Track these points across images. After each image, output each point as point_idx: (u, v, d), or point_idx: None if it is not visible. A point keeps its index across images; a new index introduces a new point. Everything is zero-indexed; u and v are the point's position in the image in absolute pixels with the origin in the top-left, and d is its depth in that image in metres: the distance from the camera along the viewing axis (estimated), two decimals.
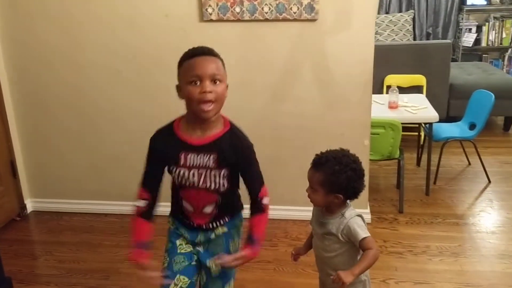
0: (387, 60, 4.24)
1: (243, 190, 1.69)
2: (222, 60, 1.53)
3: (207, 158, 1.54)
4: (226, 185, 1.59)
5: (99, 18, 2.86)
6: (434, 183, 3.50)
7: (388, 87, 3.94)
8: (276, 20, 2.69)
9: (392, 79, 4.17)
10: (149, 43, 2.86)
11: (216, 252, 1.67)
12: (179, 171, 1.56)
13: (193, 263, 1.68)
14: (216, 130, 1.55)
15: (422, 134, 3.86)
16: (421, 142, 3.88)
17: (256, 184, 1.64)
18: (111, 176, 3.19)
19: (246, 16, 2.69)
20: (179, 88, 1.53)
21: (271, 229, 2.98)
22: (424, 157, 3.64)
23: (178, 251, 1.67)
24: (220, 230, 1.67)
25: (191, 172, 1.55)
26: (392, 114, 3.26)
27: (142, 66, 2.91)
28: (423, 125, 3.63)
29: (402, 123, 3.03)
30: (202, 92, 1.44)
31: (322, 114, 2.85)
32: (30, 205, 3.34)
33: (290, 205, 3.07)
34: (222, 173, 1.56)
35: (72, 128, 3.13)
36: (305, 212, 3.04)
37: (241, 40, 2.77)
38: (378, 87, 4.26)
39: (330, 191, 1.63)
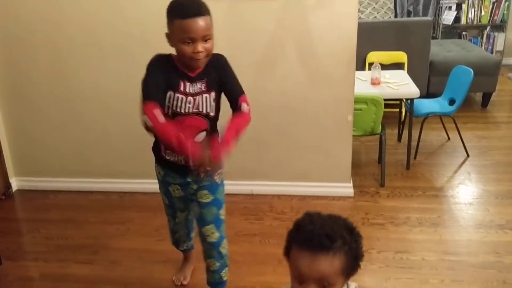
0: (369, 37, 4.28)
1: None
2: (210, 14, 1.64)
3: (199, 84, 1.72)
4: (214, 111, 1.76)
5: None
6: (415, 158, 3.59)
7: (370, 64, 3.99)
8: None
9: (374, 56, 4.22)
10: (132, 23, 2.83)
11: (204, 184, 1.88)
12: (177, 97, 1.70)
13: (186, 201, 1.96)
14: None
15: (403, 110, 3.93)
16: (402, 119, 3.96)
17: (235, 92, 1.78)
18: (95, 154, 3.20)
19: None
20: (169, 37, 1.66)
21: (257, 204, 3.04)
22: (405, 133, 3.73)
23: (172, 195, 1.96)
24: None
25: (188, 98, 1.70)
26: (374, 90, 3.31)
27: (124, 46, 2.89)
28: (404, 101, 3.70)
29: (384, 100, 3.09)
30: (195, 52, 1.61)
31: (306, 91, 2.88)
32: (15, 183, 3.33)
33: (274, 180, 3.13)
34: (211, 96, 1.74)
35: (56, 107, 3.11)
36: (289, 187, 3.13)
37: (225, 17, 2.77)
38: (360, 64, 4.30)
39: (349, 275, 1.16)
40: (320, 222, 1.11)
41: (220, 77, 1.76)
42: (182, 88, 1.70)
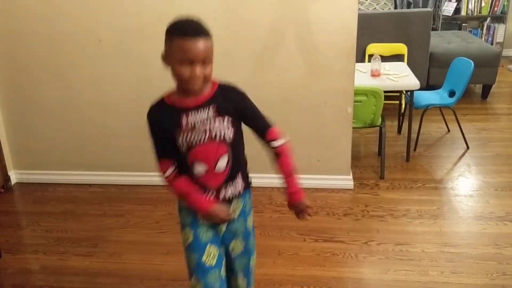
0: (368, 29, 4.26)
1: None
2: (211, 36, 1.51)
3: (207, 110, 1.55)
4: (231, 133, 1.59)
5: None
6: (414, 150, 3.58)
7: (370, 55, 3.97)
8: None
9: (374, 48, 4.20)
10: (131, 17, 2.81)
11: (237, 231, 1.70)
12: (185, 135, 1.55)
13: (218, 234, 1.69)
14: (208, 91, 1.56)
15: (403, 102, 3.92)
16: (402, 111, 3.95)
17: (262, 125, 1.65)
18: (94, 146, 3.19)
19: None
20: (165, 58, 1.52)
21: (256, 196, 3.02)
22: (405, 125, 3.72)
23: (200, 222, 1.67)
24: (236, 204, 1.68)
25: (196, 129, 1.55)
26: (374, 82, 3.30)
27: (124, 35, 2.88)
28: (404, 93, 3.69)
29: (385, 91, 3.07)
30: (192, 75, 1.46)
31: (305, 83, 2.87)
32: (14, 176, 3.33)
33: (274, 173, 3.11)
34: (225, 120, 1.57)
35: (55, 100, 3.10)
36: None
37: (223, 8, 2.75)
38: (360, 56, 4.28)
39: None
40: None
41: (239, 112, 1.61)
42: (185, 124, 1.54)
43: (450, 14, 6.10)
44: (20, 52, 3.00)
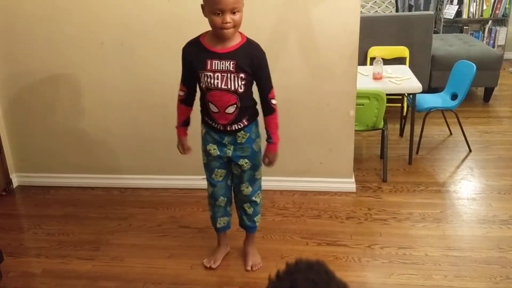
0: (370, 32, 4.26)
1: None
2: None
3: (228, 63, 1.90)
4: (243, 88, 1.95)
5: None
6: (417, 152, 3.57)
7: (372, 58, 3.97)
8: None
9: (376, 51, 4.20)
10: (133, 16, 2.81)
11: (245, 154, 2.14)
12: (206, 75, 1.92)
13: (224, 160, 2.16)
14: (235, 42, 1.92)
15: (405, 105, 3.92)
16: (404, 114, 3.94)
17: (265, 87, 2.04)
18: (96, 149, 3.18)
19: None
20: (203, 8, 1.86)
21: None
22: (407, 128, 3.71)
23: (212, 153, 2.14)
24: (242, 134, 2.09)
25: (216, 75, 1.92)
26: (376, 85, 3.29)
27: (125, 40, 2.87)
28: (406, 96, 3.68)
29: (387, 94, 3.07)
30: (224, 23, 1.80)
31: (308, 86, 2.87)
32: (16, 179, 3.32)
33: (277, 175, 3.11)
34: (240, 76, 1.92)
35: (56, 102, 3.09)
36: (291, 182, 3.11)
37: None
38: (362, 59, 4.28)
39: None
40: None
41: (254, 69, 1.96)
42: (209, 67, 1.91)
43: (452, 17, 6.11)
44: (22, 55, 3.00)
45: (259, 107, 2.13)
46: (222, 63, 1.91)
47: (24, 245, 2.69)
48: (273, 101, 2.08)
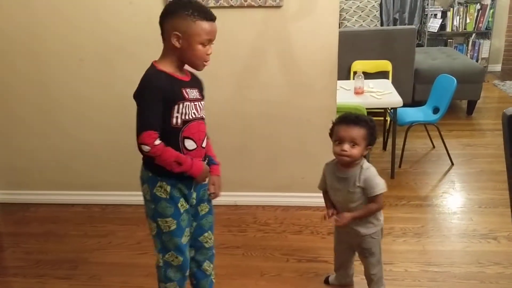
0: (353, 46, 4.30)
1: None
2: None
3: (196, 91, 1.77)
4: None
5: (59, 7, 2.79)
6: (399, 166, 3.59)
7: (355, 73, 3.99)
8: (241, 6, 2.68)
9: (359, 65, 4.23)
10: (112, 32, 2.81)
11: (203, 196, 1.92)
12: (186, 105, 1.70)
13: (191, 214, 1.90)
14: (187, 68, 1.79)
15: (388, 119, 3.93)
16: (387, 127, 3.96)
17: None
18: (76, 166, 3.16)
19: (211, 3, 2.67)
20: (181, 38, 1.65)
21: (240, 215, 3.01)
22: (390, 141, 3.72)
23: (181, 211, 1.82)
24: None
25: (191, 104, 1.73)
26: (357, 100, 3.31)
27: (104, 56, 2.87)
28: (388, 110, 3.70)
29: (368, 109, 3.08)
30: (208, 54, 1.71)
31: (288, 101, 2.87)
32: None
33: (258, 191, 3.11)
34: (203, 102, 1.81)
35: (36, 117, 3.07)
36: (274, 197, 3.10)
37: None
38: (345, 73, 4.32)
39: (369, 143, 1.89)
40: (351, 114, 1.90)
41: (203, 93, 1.86)
42: (186, 96, 1.72)
43: (436, 31, 6.18)
44: (1, 68, 2.97)
45: None
46: (191, 91, 1.74)
47: (1, 264, 2.65)
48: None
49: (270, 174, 3.08)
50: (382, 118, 3.96)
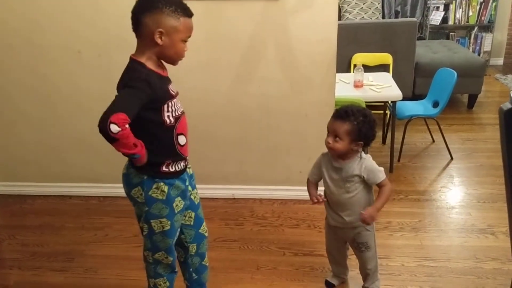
0: (354, 38, 4.26)
1: None
2: None
3: (172, 84, 1.73)
4: None
5: None
6: (398, 160, 3.57)
7: (355, 65, 3.96)
8: None
9: (359, 58, 4.20)
10: (112, 23, 2.78)
11: (191, 180, 1.90)
12: (174, 102, 1.69)
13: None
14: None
15: (388, 112, 3.91)
16: (387, 121, 3.94)
17: None
18: (74, 158, 3.15)
19: None
20: (166, 34, 1.60)
21: (238, 208, 3.00)
22: (389, 135, 3.70)
23: (175, 211, 1.80)
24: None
25: (176, 99, 1.72)
26: (357, 93, 3.28)
27: (103, 47, 2.84)
28: (388, 103, 3.67)
29: (366, 102, 3.05)
30: (185, 50, 1.67)
31: (286, 95, 2.85)
32: None
33: (256, 184, 3.10)
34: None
35: (32, 110, 3.06)
36: (271, 191, 3.09)
37: (204, 19, 2.73)
38: (346, 66, 4.28)
39: (354, 139, 1.86)
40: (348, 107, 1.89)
41: None
42: (173, 93, 1.71)
43: (438, 23, 6.12)
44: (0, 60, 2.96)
45: None
46: (172, 86, 1.72)
47: None
48: None
49: (268, 168, 3.07)
50: (382, 112, 3.94)
